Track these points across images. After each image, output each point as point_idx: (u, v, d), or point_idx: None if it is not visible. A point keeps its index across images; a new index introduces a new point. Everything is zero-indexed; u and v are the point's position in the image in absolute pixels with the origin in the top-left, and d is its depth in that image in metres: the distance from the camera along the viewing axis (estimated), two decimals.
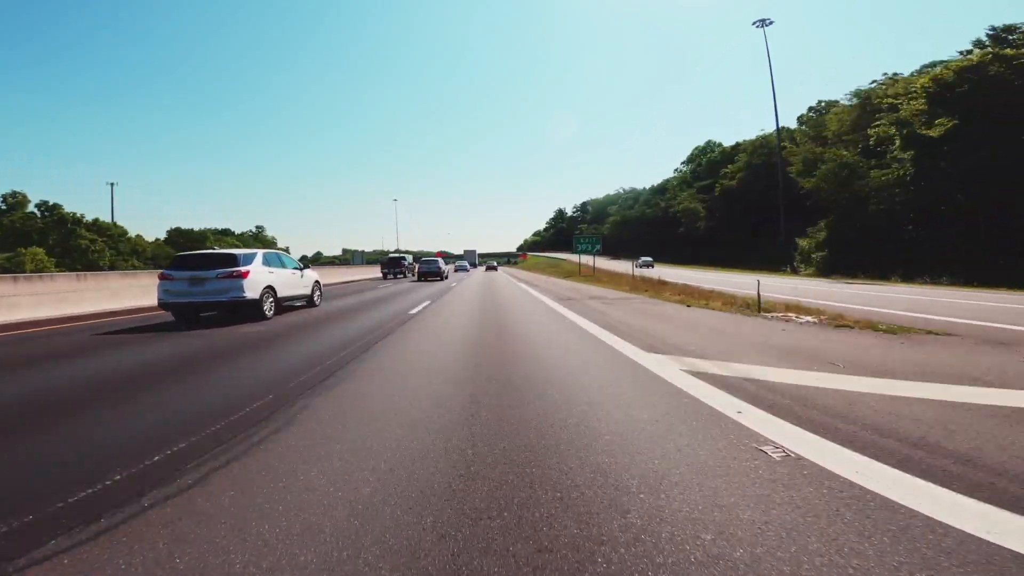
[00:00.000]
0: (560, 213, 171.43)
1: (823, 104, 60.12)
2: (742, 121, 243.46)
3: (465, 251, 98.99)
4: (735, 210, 56.86)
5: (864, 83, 43.41)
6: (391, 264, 36.24)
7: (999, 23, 26.92)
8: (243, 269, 9.23)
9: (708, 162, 78.57)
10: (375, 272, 39.65)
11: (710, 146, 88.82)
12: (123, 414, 3.56)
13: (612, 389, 3.89)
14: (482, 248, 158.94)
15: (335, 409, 3.48)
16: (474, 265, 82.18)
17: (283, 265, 10.82)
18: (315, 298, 12.02)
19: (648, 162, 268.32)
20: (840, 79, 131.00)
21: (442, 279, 28.84)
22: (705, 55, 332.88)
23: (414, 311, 10.74)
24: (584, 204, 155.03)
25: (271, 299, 9.84)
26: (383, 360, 5.42)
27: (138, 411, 3.64)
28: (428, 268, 29.70)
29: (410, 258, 40.29)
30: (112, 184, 70.67)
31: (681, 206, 69.59)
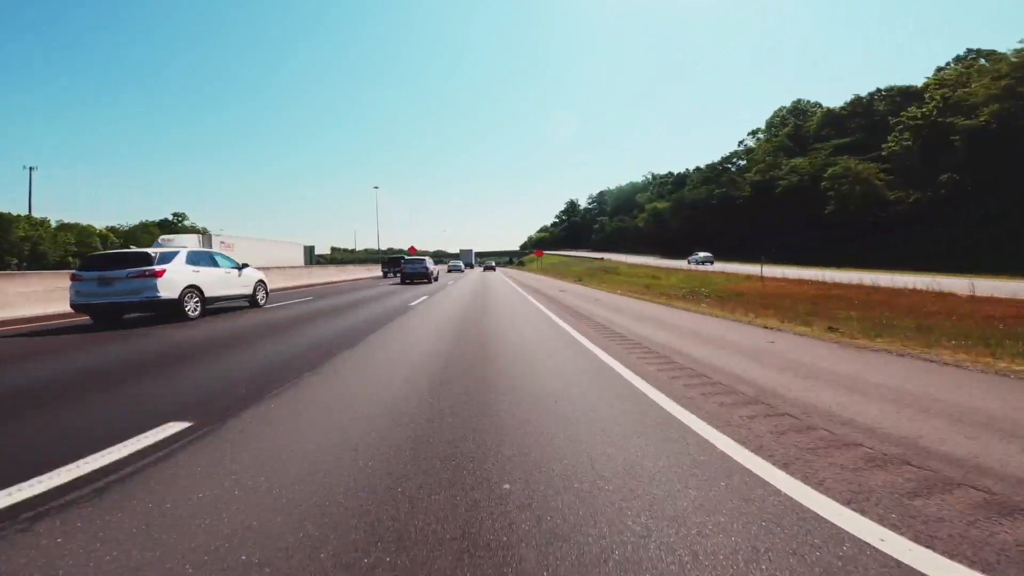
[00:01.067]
0: (572, 205, 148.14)
1: (971, 52, 49.11)
2: (743, 119, 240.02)
3: (461, 251, 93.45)
4: (984, 167, 32.82)
5: None
6: (391, 264, 38.42)
7: None
8: (158, 268, 8.64)
9: (824, 119, 59.56)
10: (364, 272, 38.52)
11: (802, 106, 70.29)
12: None
13: None
14: (483, 247, 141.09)
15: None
16: (470, 266, 76.14)
17: (215, 264, 10.20)
18: (259, 298, 11.41)
19: (652, 158, 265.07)
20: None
21: (430, 281, 24.80)
22: (705, 54, 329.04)
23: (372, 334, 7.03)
24: (601, 194, 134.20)
25: (196, 299, 9.25)
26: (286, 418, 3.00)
27: None
28: (414, 268, 24.73)
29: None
30: (31, 169, 53.98)
31: (832, 171, 45.26)
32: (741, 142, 79.85)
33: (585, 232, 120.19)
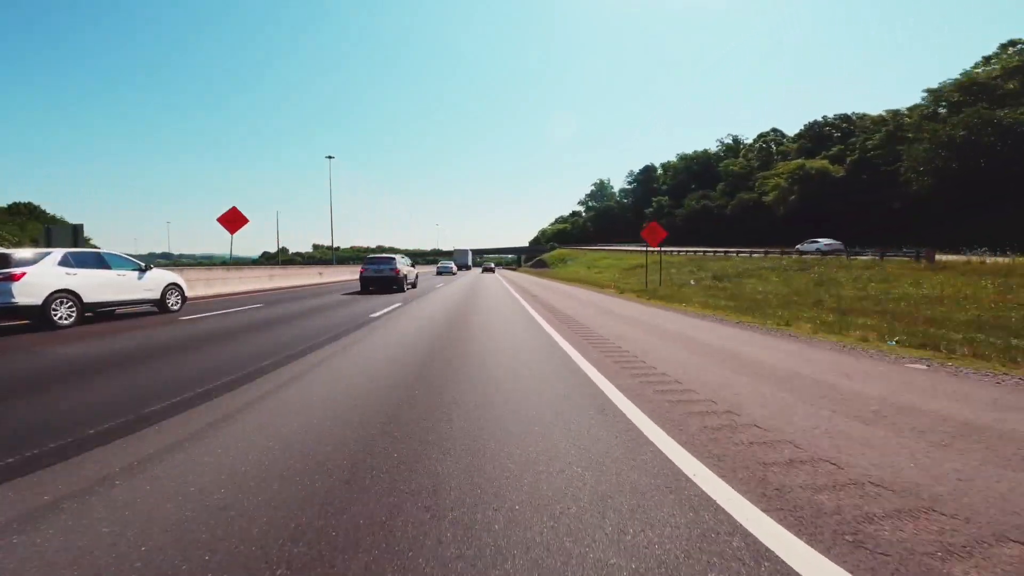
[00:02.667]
0: (601, 187, 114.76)
1: None
2: (740, 117, 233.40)
3: (455, 250, 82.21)
4: None
5: None
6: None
7: None
8: (16, 271, 7.79)
9: None
10: (334, 275, 29.09)
11: None
12: None
13: None
14: (486, 244, 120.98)
15: None
16: (467, 267, 65.31)
17: (105, 265, 9.32)
18: (169, 303, 10.49)
19: (656, 154, 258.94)
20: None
21: (402, 289, 17.84)
22: (705, 53, 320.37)
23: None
24: (647, 170, 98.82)
25: (69, 305, 8.36)
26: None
27: None
28: (377, 271, 17.56)
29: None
30: None
31: None
32: (991, 58, 44.21)
33: (622, 220, 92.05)
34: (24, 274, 7.87)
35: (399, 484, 2.42)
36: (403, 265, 18.52)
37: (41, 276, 8.09)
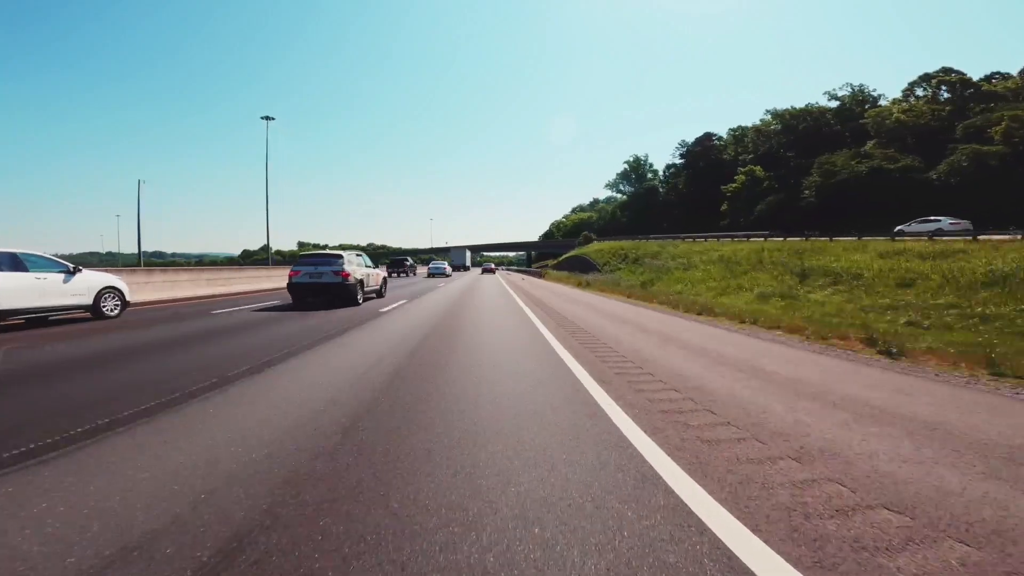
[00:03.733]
0: (637, 165, 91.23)
1: None
2: (735, 115, 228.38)
3: (453, 249, 75.60)
4: None
5: None
6: (394, 265, 37.40)
7: None
8: None
9: None
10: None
11: None
12: None
13: None
14: (489, 240, 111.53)
15: None
16: (464, 267, 59.35)
17: (20, 267, 8.40)
18: (105, 309, 9.57)
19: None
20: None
21: (355, 301, 12.08)
22: (704, 52, 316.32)
23: None
24: (706, 138, 72.74)
25: None
26: None
27: None
28: (314, 274, 11.93)
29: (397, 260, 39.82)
30: None
31: None
32: None
33: (673, 203, 69.66)
34: None
35: None
36: (355, 267, 12.65)
37: None
